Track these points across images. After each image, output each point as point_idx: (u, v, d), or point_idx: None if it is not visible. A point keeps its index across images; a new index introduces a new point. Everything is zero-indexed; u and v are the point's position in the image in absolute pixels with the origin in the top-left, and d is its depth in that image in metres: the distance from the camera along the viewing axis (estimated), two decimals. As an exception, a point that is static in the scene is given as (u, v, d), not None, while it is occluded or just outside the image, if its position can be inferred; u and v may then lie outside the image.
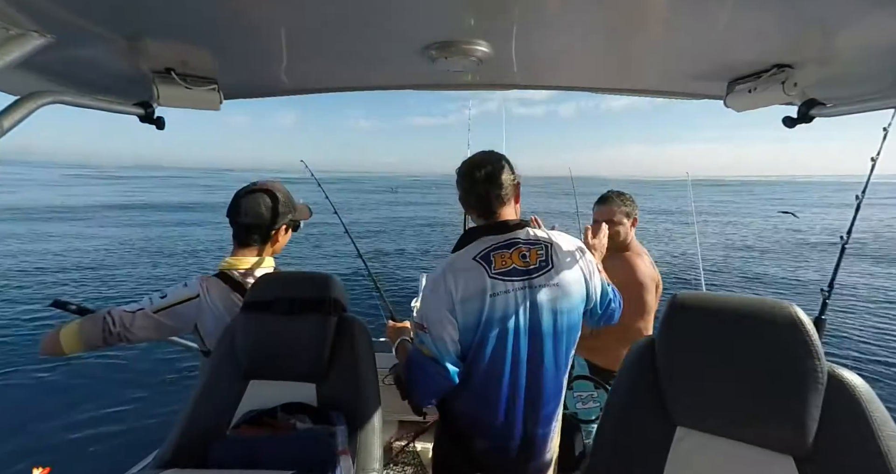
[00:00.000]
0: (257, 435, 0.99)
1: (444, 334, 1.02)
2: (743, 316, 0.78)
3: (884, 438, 0.69)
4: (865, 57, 0.92)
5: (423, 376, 1.05)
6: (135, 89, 1.11)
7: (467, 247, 1.07)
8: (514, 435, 1.08)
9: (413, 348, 1.10)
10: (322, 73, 1.23)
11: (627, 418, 0.88)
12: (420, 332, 1.06)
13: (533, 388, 1.06)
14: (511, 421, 1.07)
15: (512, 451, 1.10)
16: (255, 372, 1.13)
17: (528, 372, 1.05)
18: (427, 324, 1.03)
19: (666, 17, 0.83)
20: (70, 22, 0.76)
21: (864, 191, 1.71)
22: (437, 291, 1.02)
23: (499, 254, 1.04)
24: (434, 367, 1.02)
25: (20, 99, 0.75)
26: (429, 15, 0.84)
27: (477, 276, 1.02)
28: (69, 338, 1.12)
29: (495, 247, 1.05)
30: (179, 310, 1.20)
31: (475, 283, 1.01)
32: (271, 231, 1.34)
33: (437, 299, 1.02)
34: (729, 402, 0.78)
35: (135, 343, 1.19)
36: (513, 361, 1.04)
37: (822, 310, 1.65)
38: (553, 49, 1.05)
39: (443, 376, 1.02)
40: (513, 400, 1.06)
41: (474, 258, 1.04)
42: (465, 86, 1.36)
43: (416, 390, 1.09)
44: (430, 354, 1.02)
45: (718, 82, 1.19)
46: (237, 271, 1.30)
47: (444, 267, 1.06)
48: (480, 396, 1.07)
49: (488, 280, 1.01)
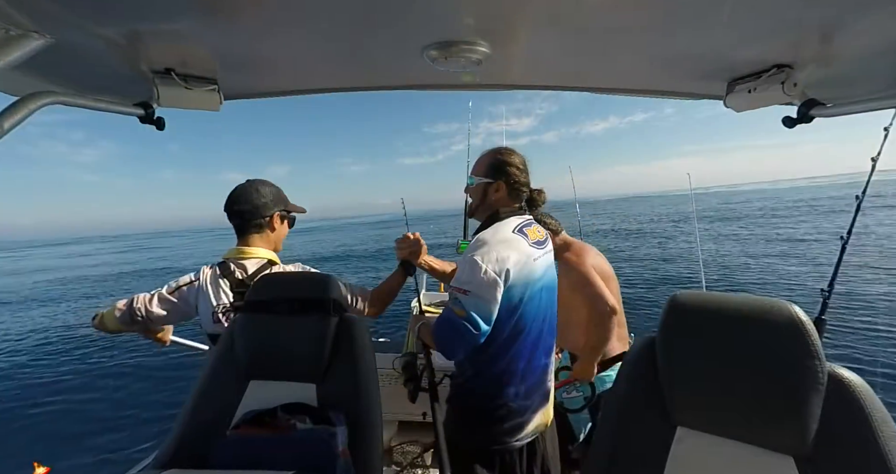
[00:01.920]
0: (257, 435, 0.99)
1: (489, 298, 1.11)
2: (743, 316, 0.78)
3: (884, 438, 0.69)
4: (865, 57, 0.92)
5: (453, 334, 1.13)
6: (135, 89, 1.11)
7: (499, 224, 1.24)
8: (534, 370, 1.27)
9: (448, 307, 1.16)
10: (322, 73, 1.23)
11: (627, 418, 0.88)
12: (458, 295, 1.13)
13: (549, 328, 1.31)
14: (533, 357, 1.26)
15: (532, 387, 1.26)
16: (255, 372, 1.13)
17: (547, 317, 1.29)
18: (469, 288, 1.12)
19: (666, 17, 0.83)
20: (70, 22, 0.76)
21: (865, 192, 1.71)
22: (489, 258, 1.12)
23: (528, 228, 1.26)
24: (465, 326, 1.11)
25: (20, 99, 0.75)
26: (429, 15, 0.84)
27: (522, 245, 1.20)
28: (109, 319, 1.37)
29: (525, 224, 1.26)
30: (184, 290, 1.39)
31: (523, 251, 1.19)
32: (265, 217, 1.43)
33: (488, 264, 1.12)
34: (729, 402, 0.78)
35: (156, 322, 1.40)
36: (541, 310, 1.26)
37: (822, 310, 1.65)
38: (553, 49, 1.04)
39: (473, 335, 1.12)
40: (536, 342, 1.26)
41: (513, 231, 1.22)
42: (466, 86, 1.36)
43: (446, 347, 1.17)
44: (463, 315, 1.11)
45: (718, 82, 1.19)
46: (234, 260, 1.41)
47: (490, 239, 1.17)
48: (520, 345, 1.22)
49: (530, 248, 1.21)
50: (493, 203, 1.30)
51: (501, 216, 1.26)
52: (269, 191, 1.45)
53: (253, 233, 1.43)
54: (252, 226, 1.42)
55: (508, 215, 1.27)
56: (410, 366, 1.47)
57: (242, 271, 1.40)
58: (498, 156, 1.30)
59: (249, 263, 1.41)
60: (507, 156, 1.30)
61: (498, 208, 1.28)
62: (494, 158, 1.30)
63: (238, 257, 1.41)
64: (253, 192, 1.42)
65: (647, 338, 0.92)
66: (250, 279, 1.38)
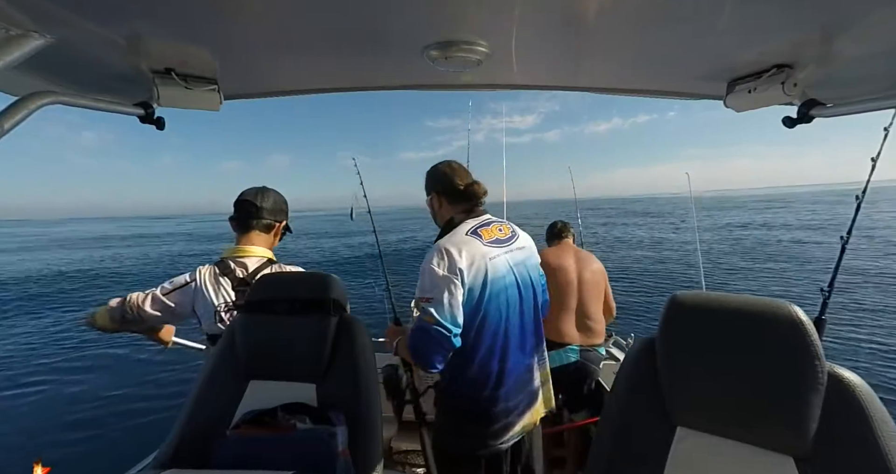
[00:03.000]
0: (257, 435, 0.99)
1: (451, 299, 1.13)
2: (743, 316, 0.78)
3: (884, 438, 0.69)
4: (865, 57, 0.92)
5: (428, 341, 1.14)
6: (135, 89, 1.11)
7: (455, 229, 1.26)
8: (513, 370, 1.26)
9: (418, 318, 1.16)
10: (322, 73, 1.22)
11: (627, 418, 0.88)
12: (423, 304, 1.15)
13: (520, 326, 1.29)
14: (508, 356, 1.25)
15: (514, 388, 1.26)
16: (255, 372, 1.13)
17: (519, 315, 1.28)
18: (431, 295, 1.14)
19: (666, 17, 0.83)
20: (70, 22, 0.76)
21: (865, 192, 1.71)
22: (442, 262, 1.15)
23: (484, 229, 1.28)
24: (437, 330, 1.11)
25: (20, 99, 0.75)
26: (429, 15, 0.84)
27: (475, 245, 1.21)
28: (102, 317, 1.38)
29: (479, 225, 1.28)
30: (179, 292, 1.38)
31: (476, 250, 1.20)
32: (277, 221, 1.49)
33: (442, 268, 1.15)
34: (729, 402, 0.78)
35: (148, 322, 1.40)
36: (508, 309, 1.25)
37: (822, 310, 1.65)
38: (553, 49, 1.04)
39: (446, 337, 1.12)
40: (507, 339, 1.25)
41: (466, 233, 1.24)
42: (465, 86, 1.36)
43: (422, 356, 1.17)
44: (433, 320, 1.12)
45: (718, 82, 1.19)
46: (234, 258, 1.42)
47: (441, 244, 1.20)
48: (490, 344, 1.22)
49: (484, 247, 1.22)
50: (440, 212, 1.37)
51: (455, 221, 1.30)
52: (283, 200, 1.52)
53: (259, 232, 1.46)
54: (261, 225, 1.45)
55: (463, 220, 1.30)
56: (392, 381, 1.47)
57: (243, 269, 1.41)
58: (429, 172, 1.40)
59: (250, 261, 1.42)
60: (434, 168, 1.39)
61: (450, 216, 1.32)
62: (427, 174, 1.41)
63: (238, 256, 1.42)
64: (274, 195, 1.49)
65: (646, 339, 0.92)
66: (251, 277, 1.39)
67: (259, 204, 1.45)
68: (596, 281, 2.28)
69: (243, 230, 1.45)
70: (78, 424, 3.94)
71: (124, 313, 1.36)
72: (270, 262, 1.45)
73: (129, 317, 1.36)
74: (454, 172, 1.36)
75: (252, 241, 1.45)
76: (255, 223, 1.44)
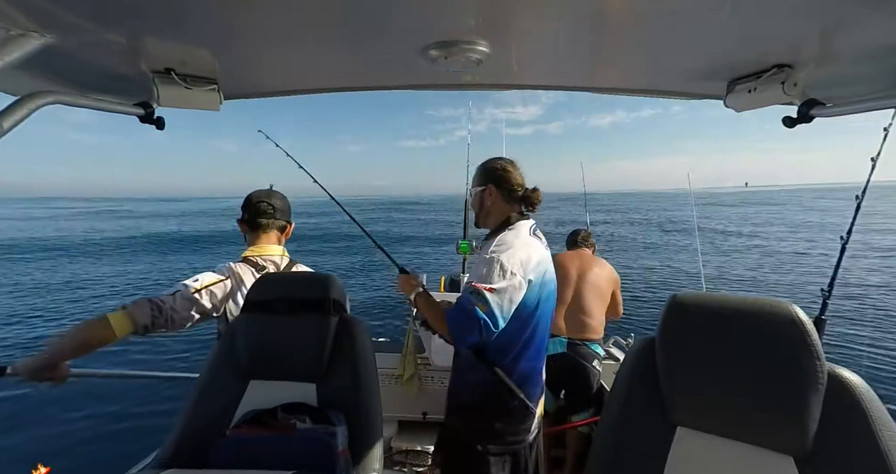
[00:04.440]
0: (257, 435, 0.99)
1: (513, 297, 1.16)
2: (743, 316, 0.78)
3: (884, 438, 0.69)
4: (865, 57, 0.92)
5: (471, 325, 1.14)
6: (135, 89, 1.11)
7: (512, 228, 1.30)
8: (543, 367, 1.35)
9: (468, 300, 1.15)
10: (322, 73, 1.23)
11: (627, 418, 0.88)
12: (484, 292, 1.14)
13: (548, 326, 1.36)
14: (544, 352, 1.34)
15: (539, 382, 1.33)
16: (255, 372, 1.13)
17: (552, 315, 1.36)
18: (496, 286, 1.14)
19: (666, 17, 0.83)
20: (70, 22, 0.76)
21: (865, 192, 1.71)
22: (513, 259, 1.17)
23: (537, 231, 1.34)
24: (486, 320, 1.12)
25: (20, 99, 0.75)
26: (429, 15, 0.84)
27: (539, 248, 1.28)
28: (119, 320, 1.12)
29: (534, 227, 1.34)
30: (213, 290, 1.31)
31: (541, 253, 1.27)
32: (289, 222, 1.55)
33: (513, 264, 1.16)
34: (729, 402, 0.78)
35: (178, 325, 1.23)
36: (550, 308, 1.33)
37: (823, 310, 1.65)
38: (553, 49, 1.04)
39: (490, 330, 1.14)
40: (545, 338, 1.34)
41: (530, 234, 1.29)
42: (465, 86, 1.36)
43: (459, 335, 1.17)
44: (486, 310, 1.13)
45: (718, 82, 1.19)
46: (262, 257, 1.45)
47: (512, 240, 1.23)
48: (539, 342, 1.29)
49: (544, 250, 1.30)
50: (490, 207, 1.37)
51: (513, 220, 1.32)
52: (288, 201, 1.56)
53: (278, 233, 1.51)
54: (276, 226, 1.50)
55: (518, 219, 1.33)
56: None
57: (275, 267, 1.46)
58: (484, 165, 1.41)
59: (278, 260, 1.48)
60: (490, 162, 1.40)
61: (508, 214, 1.35)
62: (482, 167, 1.41)
63: (265, 254, 1.46)
64: (281, 196, 1.53)
65: (646, 339, 0.92)
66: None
67: (278, 206, 1.49)
68: (598, 281, 2.27)
69: (260, 230, 1.48)
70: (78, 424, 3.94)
71: (153, 314, 1.18)
72: (292, 262, 1.50)
73: (157, 320, 1.19)
74: (513, 172, 1.39)
75: (271, 241, 1.49)
76: (271, 223, 1.48)
